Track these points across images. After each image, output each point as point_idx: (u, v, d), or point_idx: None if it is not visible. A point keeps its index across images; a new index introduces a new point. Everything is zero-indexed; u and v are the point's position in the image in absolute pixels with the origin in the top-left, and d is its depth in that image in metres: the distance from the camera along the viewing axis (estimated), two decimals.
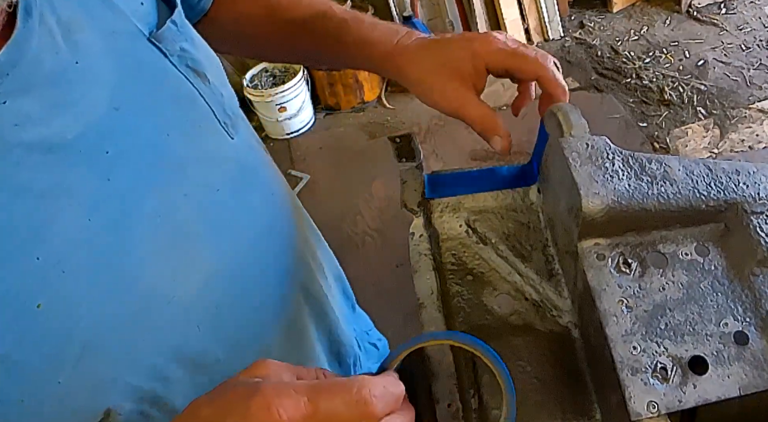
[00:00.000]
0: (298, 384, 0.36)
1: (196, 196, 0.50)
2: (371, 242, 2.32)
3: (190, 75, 0.52)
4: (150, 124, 0.47)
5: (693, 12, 3.06)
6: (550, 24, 3.12)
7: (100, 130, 0.43)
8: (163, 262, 0.46)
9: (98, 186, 0.42)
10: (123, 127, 0.44)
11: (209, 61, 0.56)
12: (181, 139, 0.49)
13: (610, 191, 0.45)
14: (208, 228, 0.50)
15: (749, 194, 0.47)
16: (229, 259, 0.52)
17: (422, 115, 2.89)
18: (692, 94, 2.65)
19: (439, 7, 3.15)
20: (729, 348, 0.42)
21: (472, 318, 0.52)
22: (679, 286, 0.45)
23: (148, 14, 0.50)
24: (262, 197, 0.59)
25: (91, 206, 0.41)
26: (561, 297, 0.53)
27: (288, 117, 2.81)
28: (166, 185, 0.47)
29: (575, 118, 0.50)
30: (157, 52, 0.49)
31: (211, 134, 0.53)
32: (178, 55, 0.51)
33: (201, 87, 0.53)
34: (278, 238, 0.60)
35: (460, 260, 0.56)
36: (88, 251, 0.41)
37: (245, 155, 0.58)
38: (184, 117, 0.50)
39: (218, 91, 0.55)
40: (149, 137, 0.46)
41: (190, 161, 0.50)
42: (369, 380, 0.37)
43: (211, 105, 0.54)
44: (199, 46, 0.55)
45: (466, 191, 0.58)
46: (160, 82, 0.49)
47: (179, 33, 0.52)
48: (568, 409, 0.48)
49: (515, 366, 0.49)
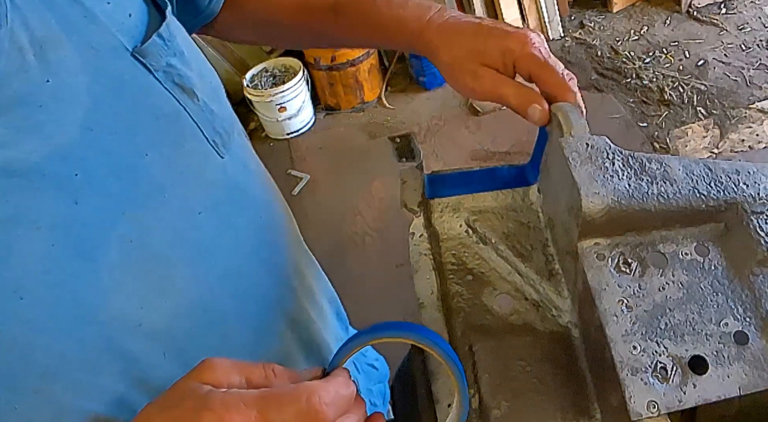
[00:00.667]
0: (248, 396, 0.35)
1: (173, 220, 0.47)
2: (371, 242, 2.32)
3: (176, 92, 0.49)
4: (127, 144, 0.44)
5: (693, 12, 3.06)
6: (550, 24, 3.12)
7: (70, 152, 0.41)
8: (131, 290, 0.44)
9: (65, 211, 0.40)
10: (96, 148, 0.42)
11: (200, 77, 0.53)
12: (160, 159, 0.47)
13: (610, 190, 0.45)
14: (184, 254, 0.48)
15: (749, 193, 0.47)
16: (204, 287, 0.49)
17: (422, 115, 2.89)
18: (692, 94, 2.65)
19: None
20: (729, 348, 0.42)
21: (472, 318, 0.52)
22: (679, 286, 0.45)
23: (135, 27, 0.48)
24: (249, 220, 0.56)
25: (55, 231, 0.39)
26: (561, 297, 0.53)
27: (288, 117, 2.81)
28: (141, 209, 0.45)
29: (575, 118, 0.50)
30: (141, 68, 0.47)
31: (196, 153, 0.51)
32: (164, 71, 0.48)
33: (188, 104, 0.50)
34: (263, 264, 0.57)
35: (460, 260, 0.56)
36: (50, 278, 0.39)
37: (235, 175, 0.55)
38: (165, 136, 0.48)
39: (208, 108, 0.52)
40: (124, 158, 0.44)
41: (169, 182, 0.47)
42: (318, 386, 0.36)
43: (199, 123, 0.51)
44: (189, 60, 0.52)
45: (466, 191, 0.58)
46: (141, 100, 0.46)
47: (166, 47, 0.49)
48: (568, 409, 0.48)
49: (515, 366, 0.49)
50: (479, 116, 2.84)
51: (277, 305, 0.59)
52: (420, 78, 3.05)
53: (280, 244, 0.62)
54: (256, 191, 0.59)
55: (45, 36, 0.41)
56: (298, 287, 0.63)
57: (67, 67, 0.42)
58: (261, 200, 0.59)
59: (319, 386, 0.36)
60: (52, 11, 0.42)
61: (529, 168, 0.59)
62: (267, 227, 0.59)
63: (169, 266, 0.47)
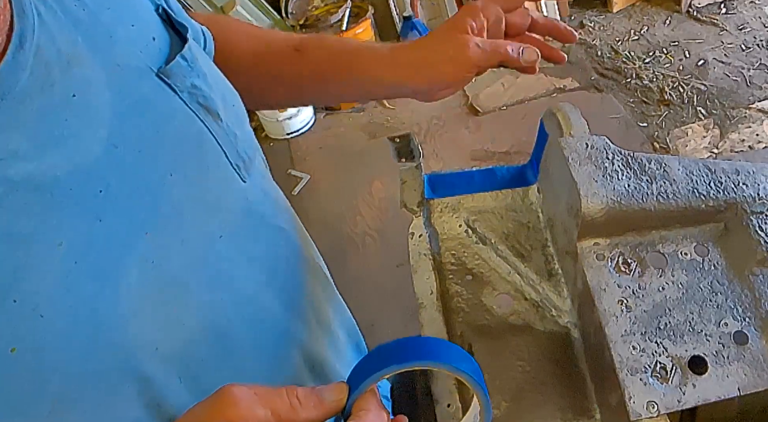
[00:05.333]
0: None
1: (193, 243, 0.47)
2: (371, 242, 2.32)
3: (200, 113, 0.49)
4: (150, 163, 0.44)
5: (693, 12, 3.06)
6: None
7: (94, 168, 0.40)
8: (149, 312, 0.43)
9: (88, 227, 0.39)
10: (120, 166, 0.42)
11: (223, 100, 0.53)
12: (183, 181, 0.46)
13: (610, 190, 0.45)
14: (201, 279, 0.47)
15: (749, 194, 0.47)
16: (219, 314, 0.49)
17: (422, 115, 2.89)
18: (692, 94, 2.65)
19: (439, 7, 3.15)
20: (729, 348, 0.42)
21: (471, 318, 0.52)
22: (678, 286, 0.45)
23: (160, 50, 0.48)
24: (267, 248, 0.55)
25: (77, 249, 0.39)
26: (561, 297, 0.53)
27: (288, 117, 2.81)
28: (162, 230, 0.44)
29: (575, 118, 0.50)
30: (167, 89, 0.47)
31: (219, 176, 0.50)
32: (189, 92, 0.48)
33: (212, 126, 0.50)
34: (277, 295, 0.56)
35: (459, 260, 0.56)
36: (70, 297, 0.38)
37: (255, 201, 0.55)
38: (189, 158, 0.48)
39: (231, 132, 0.52)
40: (148, 178, 0.44)
41: (190, 205, 0.47)
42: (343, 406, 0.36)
43: (223, 146, 0.51)
44: (213, 83, 0.52)
45: (466, 191, 0.58)
46: (166, 120, 0.46)
47: (190, 68, 0.49)
48: (568, 409, 0.48)
49: (515, 366, 0.49)
50: (479, 116, 2.84)
51: (292, 336, 0.58)
52: None
53: (297, 275, 0.61)
54: (274, 219, 0.58)
55: (71, 53, 0.41)
56: (312, 320, 0.62)
57: (93, 84, 0.41)
58: (279, 228, 0.59)
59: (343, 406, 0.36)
60: (78, 29, 0.42)
61: (528, 168, 0.59)
62: (284, 257, 0.59)
63: (186, 291, 0.46)
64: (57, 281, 0.38)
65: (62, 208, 0.38)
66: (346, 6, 2.85)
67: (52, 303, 0.37)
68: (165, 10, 0.52)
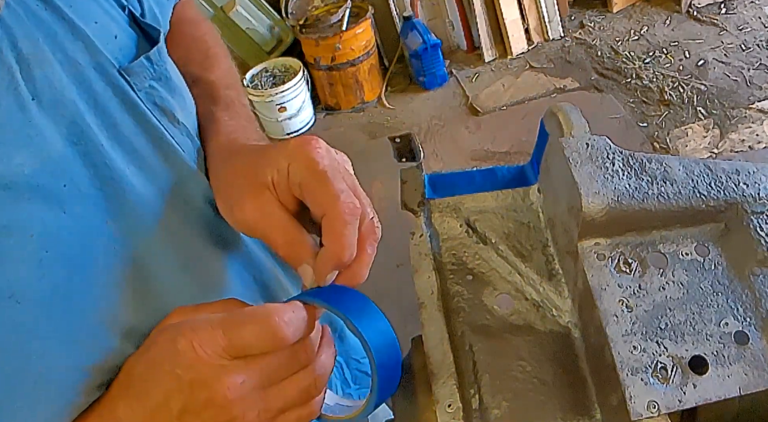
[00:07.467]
0: (213, 319, 0.40)
1: (154, 231, 0.50)
2: None
3: (156, 112, 0.52)
4: (109, 157, 0.47)
5: (693, 12, 3.06)
6: (550, 24, 3.13)
7: (58, 164, 0.43)
8: (118, 294, 0.46)
9: (54, 218, 0.42)
10: (82, 160, 0.45)
11: (183, 104, 0.55)
12: (141, 173, 0.49)
13: (610, 190, 0.45)
14: (165, 264, 0.50)
15: (749, 193, 0.47)
16: (186, 295, 0.51)
17: (422, 115, 2.89)
18: (692, 94, 2.65)
19: (439, 7, 3.16)
20: (729, 348, 0.42)
21: (472, 318, 0.52)
22: (679, 286, 0.45)
23: (123, 47, 0.50)
24: (234, 235, 0.58)
25: (47, 239, 0.42)
26: (561, 297, 0.53)
27: (288, 117, 2.81)
28: (123, 218, 0.47)
29: (575, 118, 0.50)
30: (126, 86, 0.49)
31: (177, 170, 0.53)
32: (146, 92, 0.51)
33: (168, 127, 0.53)
34: (248, 286, 0.60)
35: (460, 260, 0.56)
36: (44, 283, 0.41)
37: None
38: (147, 152, 0.50)
39: (190, 134, 0.55)
40: (108, 170, 0.46)
41: (151, 194, 0.50)
42: (276, 307, 0.41)
43: (180, 144, 0.53)
44: (175, 87, 0.55)
45: (466, 191, 0.58)
46: (125, 116, 0.49)
47: (152, 70, 0.52)
48: (568, 409, 0.48)
49: (515, 365, 0.49)
50: (479, 116, 2.84)
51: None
52: (420, 78, 3.05)
53: (265, 262, 0.64)
54: None
55: (32, 53, 0.43)
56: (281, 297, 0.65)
57: (53, 84, 0.44)
58: None
59: (276, 307, 0.41)
60: (39, 28, 0.44)
61: (529, 168, 0.59)
62: (252, 241, 0.62)
63: (150, 275, 0.49)
64: (31, 269, 0.41)
65: (31, 202, 0.41)
66: (346, 6, 2.85)
67: (27, 291, 0.40)
68: (131, 12, 0.54)
